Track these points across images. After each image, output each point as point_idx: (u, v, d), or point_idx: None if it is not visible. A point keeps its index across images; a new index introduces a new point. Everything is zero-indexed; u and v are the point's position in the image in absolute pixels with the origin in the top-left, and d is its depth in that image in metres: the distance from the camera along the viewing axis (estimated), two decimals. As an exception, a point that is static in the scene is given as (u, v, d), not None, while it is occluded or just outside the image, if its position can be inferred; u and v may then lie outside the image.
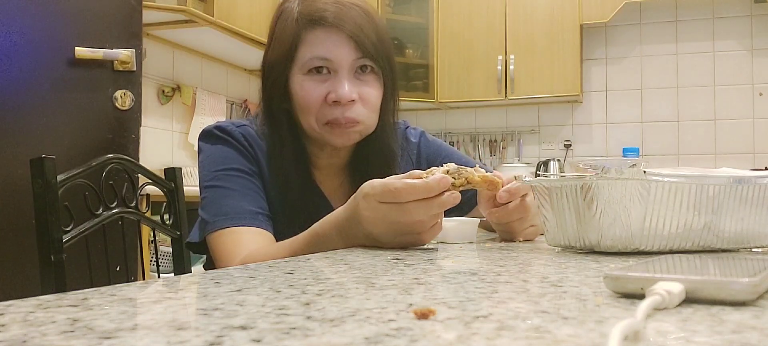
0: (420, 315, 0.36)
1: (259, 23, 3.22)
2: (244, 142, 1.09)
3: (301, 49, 1.04)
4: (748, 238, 0.76)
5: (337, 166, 1.16)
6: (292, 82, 1.06)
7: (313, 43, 1.04)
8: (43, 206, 1.12)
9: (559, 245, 0.78)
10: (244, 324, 0.34)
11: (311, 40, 1.04)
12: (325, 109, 1.04)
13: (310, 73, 1.04)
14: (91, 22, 1.95)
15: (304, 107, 1.05)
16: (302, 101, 1.05)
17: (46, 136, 1.87)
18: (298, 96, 1.05)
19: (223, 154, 1.07)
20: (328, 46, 1.03)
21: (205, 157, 1.09)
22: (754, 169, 3.23)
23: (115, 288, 0.46)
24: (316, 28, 1.04)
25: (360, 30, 1.04)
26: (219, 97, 3.55)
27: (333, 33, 1.03)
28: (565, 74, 4.15)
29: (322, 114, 1.04)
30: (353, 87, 1.04)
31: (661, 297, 0.38)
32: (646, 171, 0.69)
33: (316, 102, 1.04)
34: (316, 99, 1.03)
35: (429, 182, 0.75)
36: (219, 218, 1.00)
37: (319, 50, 1.03)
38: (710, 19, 4.26)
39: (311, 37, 1.04)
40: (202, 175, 1.07)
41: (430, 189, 0.75)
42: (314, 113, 1.04)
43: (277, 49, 1.07)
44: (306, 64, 1.04)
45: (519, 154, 4.54)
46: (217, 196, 1.03)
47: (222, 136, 1.09)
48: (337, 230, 0.84)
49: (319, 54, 1.03)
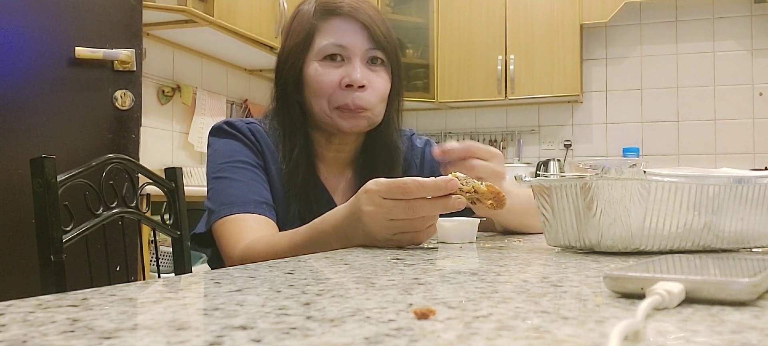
0: (420, 315, 0.36)
1: (259, 23, 3.22)
2: (252, 136, 1.12)
3: (318, 38, 1.10)
4: (748, 238, 0.76)
5: (343, 160, 1.19)
6: (307, 69, 1.11)
7: (329, 32, 1.10)
8: (43, 206, 1.12)
9: (559, 245, 0.78)
10: (244, 324, 0.34)
11: (327, 29, 1.10)
12: (337, 93, 1.09)
13: (325, 59, 1.10)
14: (91, 21, 1.95)
15: (318, 91, 1.09)
16: (316, 85, 1.09)
17: (46, 136, 1.87)
18: (312, 81, 1.10)
19: (231, 148, 1.11)
20: (343, 33, 1.10)
21: (213, 151, 1.13)
22: (754, 169, 3.23)
23: (115, 288, 0.46)
24: (333, 18, 1.11)
25: (373, 22, 1.11)
26: (219, 97, 3.55)
27: (348, 22, 1.10)
28: (565, 74, 4.15)
29: (335, 98, 1.09)
30: (365, 74, 1.10)
31: (661, 297, 0.38)
32: (646, 171, 0.69)
33: (330, 86, 1.09)
34: (330, 83, 1.09)
35: (437, 181, 0.76)
36: (224, 206, 1.03)
37: (334, 38, 1.09)
38: (710, 19, 4.26)
39: (327, 26, 1.10)
40: (210, 168, 1.11)
41: (438, 188, 0.76)
42: (327, 97, 1.09)
43: (293, 41, 1.13)
44: (321, 50, 1.10)
45: (519, 154, 4.54)
46: (223, 186, 1.06)
47: (230, 131, 1.12)
48: (335, 229, 0.85)
49: (335, 41, 1.09)
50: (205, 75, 3.50)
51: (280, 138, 1.13)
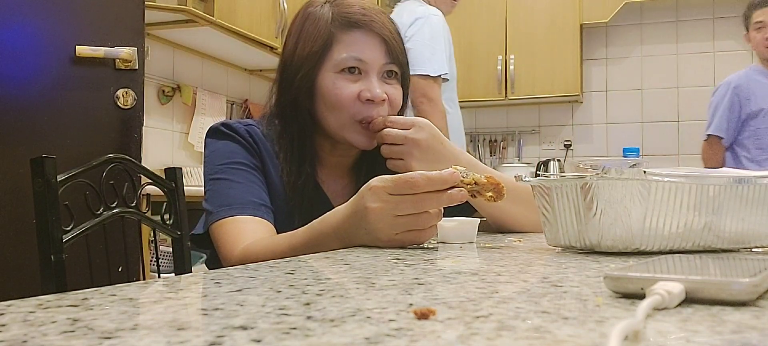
0: (420, 315, 0.36)
1: (259, 23, 3.22)
2: (249, 138, 1.11)
3: (336, 49, 1.09)
4: (748, 238, 0.76)
5: (344, 166, 1.18)
6: (322, 79, 1.09)
7: (349, 44, 1.09)
8: (44, 206, 1.11)
9: (559, 245, 0.78)
10: (244, 324, 0.34)
11: (347, 40, 1.09)
12: (357, 107, 1.08)
13: (342, 72, 1.09)
14: (93, 20, 1.95)
15: (336, 104, 1.08)
16: (334, 99, 1.08)
17: (48, 135, 1.86)
18: (330, 94, 1.08)
19: (228, 149, 1.10)
20: (363, 47, 1.09)
21: (210, 152, 1.12)
22: (755, 169, 3.22)
23: (115, 288, 0.46)
24: (353, 30, 1.09)
25: (392, 36, 1.11)
26: (219, 97, 3.55)
27: (368, 36, 1.09)
28: (565, 74, 4.15)
29: (356, 112, 1.08)
30: (383, 88, 1.10)
31: (661, 297, 0.38)
32: (646, 171, 0.69)
33: (349, 99, 1.08)
34: (349, 96, 1.08)
35: (442, 174, 0.78)
36: (223, 208, 1.02)
37: (355, 51, 1.08)
38: (710, 19, 4.26)
39: (347, 37, 1.09)
40: (207, 169, 1.10)
41: (444, 181, 0.78)
42: (346, 110, 1.08)
43: (308, 48, 1.10)
44: (340, 63, 1.08)
45: (519, 154, 4.54)
46: (221, 187, 1.06)
47: (228, 133, 1.11)
48: (335, 230, 0.85)
49: (355, 55, 1.08)
50: (206, 75, 3.50)
51: (283, 142, 1.12)
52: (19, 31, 1.84)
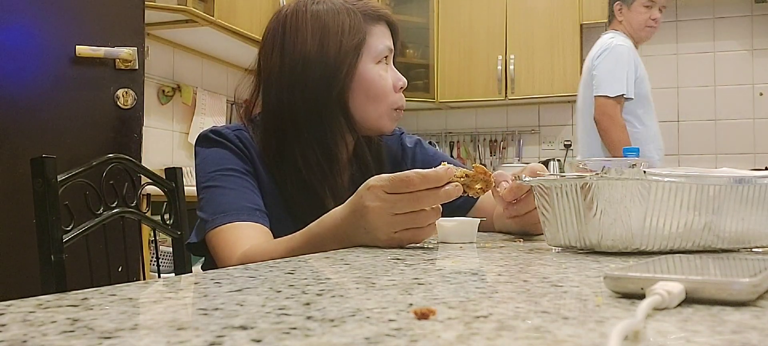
0: (420, 315, 0.36)
1: (259, 23, 3.21)
2: (240, 143, 1.10)
3: (371, 40, 1.12)
4: (748, 238, 0.76)
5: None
6: (365, 71, 1.11)
7: (381, 35, 1.14)
8: (44, 206, 1.11)
9: (559, 245, 0.78)
10: (244, 324, 0.34)
11: (378, 32, 1.14)
12: (393, 96, 1.14)
13: (379, 63, 1.13)
14: (93, 19, 1.94)
15: (380, 95, 1.12)
16: (380, 89, 1.12)
17: (48, 135, 1.86)
18: (376, 84, 1.12)
19: (219, 156, 1.08)
20: (388, 37, 1.15)
21: (201, 160, 1.10)
22: (755, 169, 3.23)
23: (115, 288, 0.46)
24: (380, 22, 1.15)
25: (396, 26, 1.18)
26: (219, 97, 3.55)
27: (388, 27, 1.16)
28: (565, 74, 4.15)
29: (393, 100, 1.13)
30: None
31: (661, 297, 0.38)
32: (646, 171, 0.69)
33: (390, 88, 1.13)
34: (389, 86, 1.13)
35: (437, 171, 0.79)
36: (217, 215, 1.01)
37: (387, 41, 1.14)
38: (711, 19, 4.26)
39: (377, 29, 1.14)
40: (200, 177, 1.09)
41: (439, 178, 0.79)
42: (387, 99, 1.13)
43: (347, 41, 1.09)
44: (379, 54, 1.13)
45: (519, 154, 4.54)
46: (215, 195, 1.04)
47: (217, 140, 1.10)
48: (333, 231, 0.85)
49: (388, 45, 1.14)
50: (206, 75, 3.50)
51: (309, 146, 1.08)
52: (19, 31, 1.84)
